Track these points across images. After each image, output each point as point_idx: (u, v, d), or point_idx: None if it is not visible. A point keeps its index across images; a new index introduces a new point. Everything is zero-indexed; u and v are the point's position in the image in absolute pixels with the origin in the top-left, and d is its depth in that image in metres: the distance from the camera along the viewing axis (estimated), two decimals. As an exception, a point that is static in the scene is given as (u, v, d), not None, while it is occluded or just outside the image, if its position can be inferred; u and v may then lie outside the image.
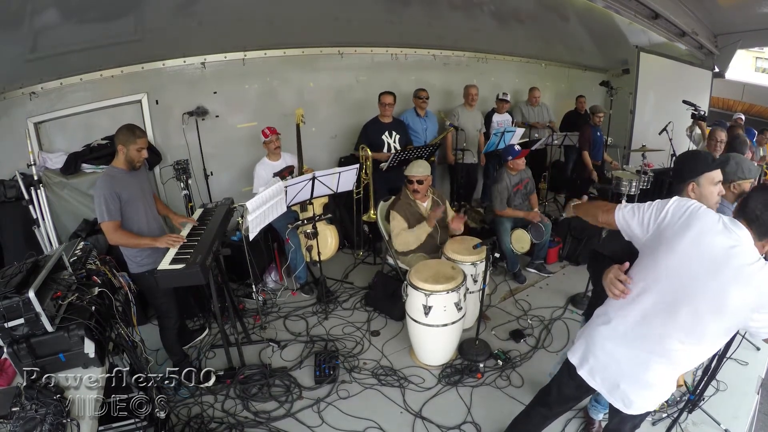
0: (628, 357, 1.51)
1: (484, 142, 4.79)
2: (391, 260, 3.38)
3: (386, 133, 4.11)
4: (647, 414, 1.63)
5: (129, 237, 2.38)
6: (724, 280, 1.31)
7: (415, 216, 3.20)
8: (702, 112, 4.57)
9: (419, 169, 3.18)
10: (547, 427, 2.00)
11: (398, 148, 4.12)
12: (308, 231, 3.41)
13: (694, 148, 4.54)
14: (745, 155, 3.06)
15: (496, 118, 5.12)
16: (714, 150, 3.54)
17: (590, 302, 2.56)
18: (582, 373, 1.62)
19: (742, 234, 1.34)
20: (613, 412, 1.68)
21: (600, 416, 2.32)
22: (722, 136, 3.57)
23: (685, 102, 4.85)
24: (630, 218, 1.55)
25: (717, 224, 1.37)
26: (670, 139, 4.80)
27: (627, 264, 1.53)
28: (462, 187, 4.99)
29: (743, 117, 5.67)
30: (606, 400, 1.62)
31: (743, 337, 2.62)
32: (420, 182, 3.17)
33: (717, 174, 1.76)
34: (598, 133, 5.15)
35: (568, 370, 1.70)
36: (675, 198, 1.49)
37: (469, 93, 4.73)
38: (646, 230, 1.50)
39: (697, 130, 4.69)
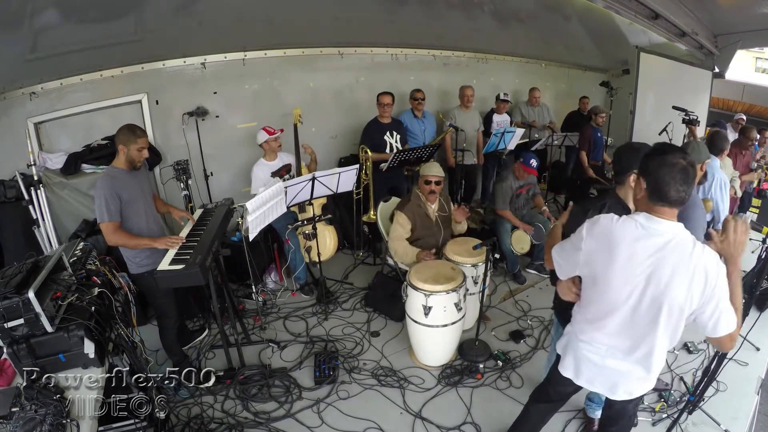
0: (617, 366, 1.59)
1: (483, 141, 4.79)
2: (391, 261, 3.38)
3: (387, 133, 4.11)
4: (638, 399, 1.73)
5: (128, 238, 2.38)
6: (675, 276, 1.35)
7: (422, 217, 3.19)
8: (693, 117, 4.59)
9: (436, 170, 3.19)
10: (547, 428, 2.01)
11: (400, 147, 4.12)
12: (308, 231, 3.41)
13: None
14: (724, 151, 3.12)
15: (496, 118, 5.12)
16: (748, 149, 3.77)
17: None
18: (580, 383, 1.70)
19: (663, 226, 1.37)
20: (608, 399, 1.76)
21: (597, 414, 2.32)
22: (754, 134, 3.70)
23: (675, 108, 4.85)
24: (559, 258, 1.63)
25: (637, 230, 1.40)
26: (670, 139, 4.80)
27: (578, 280, 1.64)
28: (462, 188, 4.98)
29: (744, 117, 5.68)
30: (599, 396, 1.68)
31: (744, 338, 2.62)
32: (438, 183, 3.17)
33: None
34: (599, 134, 5.15)
35: (563, 377, 1.75)
36: (584, 224, 1.52)
37: (465, 94, 4.72)
38: (576, 264, 1.55)
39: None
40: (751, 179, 3.88)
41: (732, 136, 5.49)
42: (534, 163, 3.72)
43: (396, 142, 4.13)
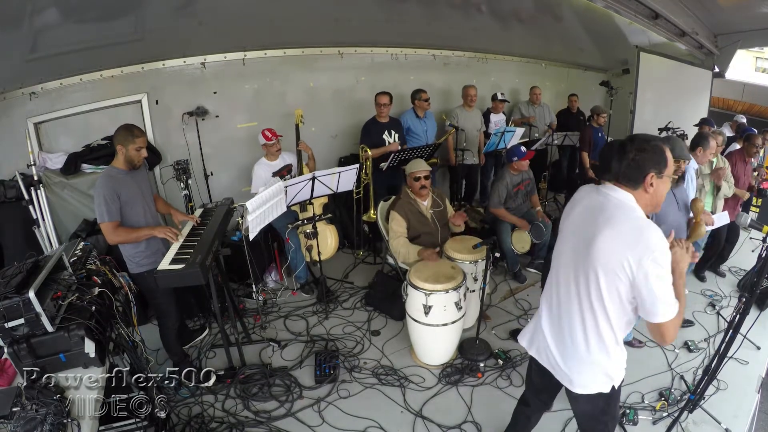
0: (558, 334, 1.60)
1: (485, 141, 4.79)
2: (391, 260, 3.38)
3: (386, 132, 4.12)
4: (609, 399, 1.57)
5: (127, 232, 2.38)
6: (603, 231, 1.39)
7: (415, 215, 3.20)
8: (680, 132, 4.65)
9: (422, 165, 3.19)
10: (547, 428, 2.00)
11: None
12: (308, 231, 3.41)
13: None
14: (708, 149, 3.13)
15: (493, 118, 5.13)
16: (753, 156, 3.80)
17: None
18: (531, 352, 1.74)
19: (616, 192, 1.44)
20: (569, 396, 1.65)
21: None
22: (719, 139, 3.66)
23: (661, 129, 4.93)
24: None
25: (592, 191, 1.53)
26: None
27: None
28: (463, 187, 4.98)
29: (744, 120, 5.67)
30: None
31: (744, 336, 2.62)
32: (426, 177, 3.18)
33: None
34: (600, 134, 5.15)
35: (531, 358, 1.80)
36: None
37: (468, 94, 4.72)
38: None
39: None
40: (743, 196, 3.81)
41: (730, 135, 5.50)
42: (522, 149, 3.71)
43: (395, 140, 4.13)
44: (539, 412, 1.97)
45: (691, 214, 2.54)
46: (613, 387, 1.53)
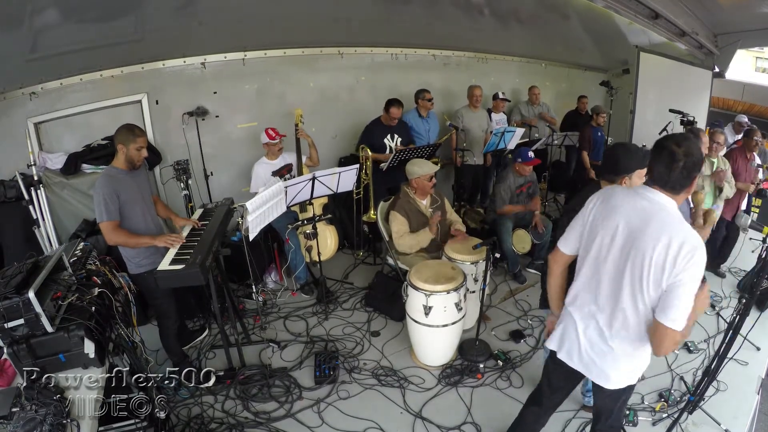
0: (598, 333, 1.61)
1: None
2: (391, 260, 3.38)
3: (388, 135, 4.11)
4: (631, 389, 1.70)
5: (127, 236, 2.37)
6: (650, 234, 1.40)
7: (415, 214, 3.20)
8: (691, 118, 4.59)
9: (430, 165, 3.21)
10: (546, 428, 2.00)
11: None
12: (308, 231, 3.41)
13: None
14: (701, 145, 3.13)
15: (494, 117, 5.12)
16: (714, 151, 3.58)
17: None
18: (561, 356, 1.72)
19: (656, 196, 1.44)
20: (597, 389, 1.73)
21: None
22: (721, 138, 3.60)
23: (672, 111, 4.85)
24: (566, 240, 1.71)
25: (631, 192, 1.53)
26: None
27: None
28: (467, 188, 4.97)
29: (746, 120, 5.66)
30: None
31: (744, 338, 2.62)
32: (432, 177, 3.20)
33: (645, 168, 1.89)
34: (599, 134, 5.14)
35: (551, 358, 1.80)
36: (590, 198, 1.64)
37: (474, 94, 4.70)
38: (582, 235, 1.64)
39: None
40: (747, 189, 3.82)
41: (731, 137, 5.50)
42: (530, 155, 3.75)
43: (396, 144, 4.13)
44: (550, 412, 1.98)
45: (692, 204, 2.57)
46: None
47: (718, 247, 3.90)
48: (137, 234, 2.42)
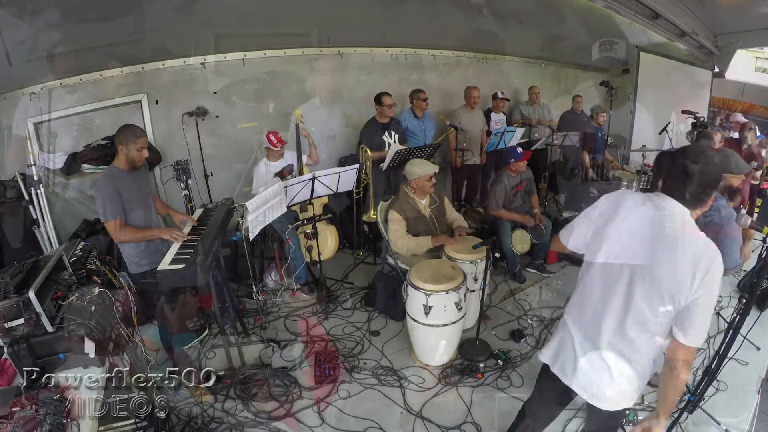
0: (597, 350, 1.52)
1: (487, 141, 4.78)
2: (391, 260, 3.38)
3: (386, 133, 4.11)
4: (623, 413, 1.65)
5: (134, 232, 2.38)
6: (660, 247, 1.34)
7: (413, 214, 3.20)
8: (702, 119, 4.58)
9: (430, 166, 3.21)
10: (546, 428, 2.00)
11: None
12: (308, 231, 3.41)
13: None
14: None
15: (494, 117, 5.12)
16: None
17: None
18: (555, 370, 1.64)
19: (668, 203, 1.38)
20: (590, 410, 1.65)
21: None
22: (750, 124, 3.66)
23: (684, 112, 4.85)
24: (568, 233, 1.63)
25: (641, 199, 1.44)
26: (670, 139, 4.80)
27: None
28: (465, 189, 4.97)
29: (741, 116, 5.67)
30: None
31: (744, 337, 2.62)
32: (432, 177, 3.20)
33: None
34: (599, 133, 5.14)
35: (545, 372, 1.71)
36: (603, 197, 1.56)
37: (471, 95, 4.70)
38: (585, 235, 1.56)
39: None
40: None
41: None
42: (519, 150, 3.69)
43: (394, 141, 4.13)
44: (546, 424, 1.91)
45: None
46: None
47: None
48: (141, 228, 2.42)
